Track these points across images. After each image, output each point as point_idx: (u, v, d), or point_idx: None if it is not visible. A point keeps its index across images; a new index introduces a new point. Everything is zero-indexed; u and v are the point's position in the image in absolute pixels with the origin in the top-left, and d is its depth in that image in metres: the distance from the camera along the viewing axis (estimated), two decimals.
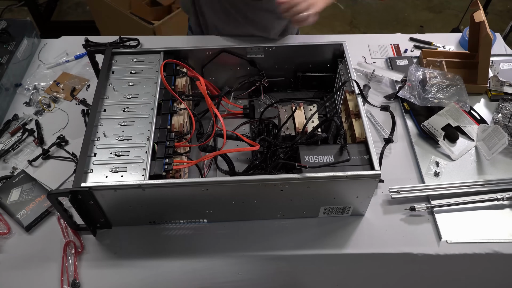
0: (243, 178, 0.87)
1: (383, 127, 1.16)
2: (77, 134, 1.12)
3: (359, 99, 0.98)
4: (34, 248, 0.94)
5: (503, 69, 1.30)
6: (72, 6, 3.02)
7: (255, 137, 1.10)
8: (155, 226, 0.97)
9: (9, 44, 1.25)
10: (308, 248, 0.95)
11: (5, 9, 2.92)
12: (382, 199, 1.03)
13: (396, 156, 1.11)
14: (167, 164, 0.89)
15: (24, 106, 1.20)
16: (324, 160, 0.89)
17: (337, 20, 3.02)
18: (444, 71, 1.23)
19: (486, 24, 1.16)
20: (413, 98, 1.17)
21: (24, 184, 1.01)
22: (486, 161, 1.10)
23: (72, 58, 1.33)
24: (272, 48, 1.10)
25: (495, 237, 0.97)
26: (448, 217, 1.00)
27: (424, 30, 2.91)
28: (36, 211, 0.97)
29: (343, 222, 0.98)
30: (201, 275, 0.94)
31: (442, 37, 1.43)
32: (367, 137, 0.91)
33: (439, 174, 1.07)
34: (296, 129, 0.99)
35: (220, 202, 0.92)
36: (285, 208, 0.96)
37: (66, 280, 0.90)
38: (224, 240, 0.96)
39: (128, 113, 0.96)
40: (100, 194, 0.85)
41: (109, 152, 0.89)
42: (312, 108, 1.04)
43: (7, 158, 1.08)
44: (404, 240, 0.96)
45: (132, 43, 1.37)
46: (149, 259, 0.93)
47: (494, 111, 1.21)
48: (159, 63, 1.04)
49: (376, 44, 1.38)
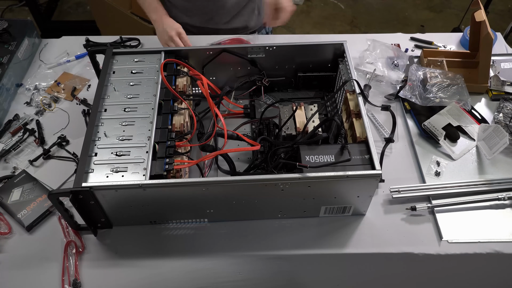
0: (244, 178, 0.87)
1: (383, 127, 1.16)
2: (78, 134, 1.13)
3: (359, 99, 0.98)
4: (35, 248, 0.94)
5: (504, 68, 1.30)
6: (72, 6, 3.02)
7: (256, 137, 1.10)
8: (156, 226, 0.97)
9: (10, 44, 1.25)
10: (309, 248, 0.95)
11: (5, 9, 2.93)
12: (383, 198, 1.03)
13: (397, 155, 1.11)
14: (168, 164, 0.89)
15: (25, 106, 1.21)
16: (325, 160, 0.89)
17: (337, 19, 3.02)
18: (445, 71, 1.22)
19: (487, 24, 1.16)
20: (414, 98, 1.17)
21: (25, 184, 1.01)
22: (487, 161, 1.10)
23: (73, 58, 1.34)
24: (273, 48, 1.10)
25: (495, 236, 0.97)
26: (449, 217, 1.00)
27: (425, 30, 2.91)
28: (37, 211, 0.97)
29: (343, 221, 0.98)
30: (202, 275, 0.94)
31: (443, 37, 1.43)
32: (367, 136, 0.91)
33: (440, 173, 1.07)
34: (296, 129, 0.99)
35: (221, 202, 0.92)
36: (285, 207, 0.96)
37: (67, 280, 0.90)
38: (224, 239, 0.96)
39: (129, 113, 0.96)
40: (101, 194, 0.85)
41: (110, 152, 0.90)
42: (312, 107, 1.04)
43: (8, 158, 1.08)
44: (405, 239, 0.96)
45: (132, 43, 1.37)
46: (150, 259, 0.93)
47: (495, 111, 1.20)
48: (160, 63, 1.04)
49: (377, 43, 1.38)
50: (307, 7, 3.11)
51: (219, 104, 1.07)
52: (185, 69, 1.08)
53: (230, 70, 1.15)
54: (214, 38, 1.39)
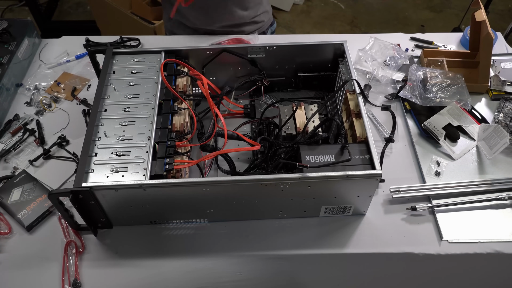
0: (244, 178, 0.87)
1: (384, 127, 1.16)
2: (78, 134, 1.13)
3: (360, 99, 0.98)
4: (35, 248, 0.94)
5: (504, 68, 1.30)
6: (72, 6, 3.02)
7: (256, 136, 1.10)
8: (156, 225, 0.97)
9: (10, 44, 1.25)
10: (309, 248, 0.95)
11: (5, 9, 2.93)
12: (383, 198, 1.02)
13: (397, 155, 1.11)
14: (168, 164, 0.89)
15: (25, 106, 1.21)
16: (325, 160, 0.89)
17: (337, 19, 3.02)
18: (445, 71, 1.22)
19: (487, 23, 1.16)
20: (414, 98, 1.17)
21: (25, 184, 1.01)
22: (487, 161, 1.10)
23: (73, 58, 1.33)
24: (273, 48, 1.10)
25: (496, 236, 0.97)
26: (449, 217, 1.00)
27: (425, 30, 2.91)
28: (37, 211, 0.97)
29: (344, 221, 0.98)
30: (202, 275, 0.94)
31: (443, 37, 1.43)
32: (368, 136, 0.91)
33: (440, 173, 1.07)
34: (297, 129, 0.99)
35: (221, 202, 0.92)
36: (286, 207, 0.96)
37: (67, 280, 0.90)
38: (225, 239, 0.96)
39: (129, 113, 0.96)
40: (101, 194, 0.85)
41: (110, 152, 0.90)
42: (313, 107, 1.04)
43: (8, 158, 1.08)
44: (405, 239, 0.96)
45: (132, 43, 1.37)
46: (150, 259, 0.93)
47: (495, 111, 1.20)
48: (160, 63, 1.04)
49: (377, 43, 1.38)
50: (307, 7, 3.11)
51: (219, 104, 1.07)
52: (185, 69, 1.08)
53: (230, 70, 1.15)
54: (214, 38, 1.39)
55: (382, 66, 1.28)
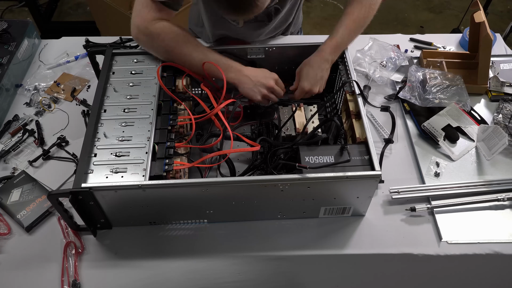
0: (243, 178, 0.87)
1: (383, 128, 1.16)
2: (77, 134, 1.12)
3: (359, 100, 0.98)
4: (34, 248, 0.94)
5: (503, 69, 1.30)
6: (72, 6, 3.02)
7: (256, 137, 1.09)
8: (155, 226, 0.97)
9: (10, 44, 1.25)
10: (309, 249, 0.95)
11: (5, 9, 2.92)
12: (383, 199, 1.03)
13: (396, 156, 1.11)
14: (168, 165, 0.89)
15: (25, 106, 1.21)
16: (325, 161, 0.89)
17: (337, 20, 3.02)
18: (445, 72, 1.23)
19: (486, 25, 1.16)
20: (414, 99, 1.17)
21: (24, 184, 1.01)
22: (486, 162, 1.10)
23: (73, 59, 1.33)
24: (272, 49, 1.10)
25: (495, 237, 0.97)
26: (448, 218, 1.00)
27: (425, 31, 2.91)
28: (36, 212, 0.97)
29: (343, 222, 0.98)
30: (202, 276, 0.94)
31: (442, 38, 1.43)
32: (367, 137, 0.91)
33: (440, 174, 1.07)
34: (296, 130, 0.99)
35: (221, 203, 0.92)
36: (285, 208, 0.96)
37: (67, 281, 0.90)
38: (224, 240, 0.96)
39: (129, 113, 0.96)
40: (101, 195, 0.85)
41: (109, 153, 0.89)
42: (312, 108, 1.04)
43: (8, 159, 1.08)
44: (404, 240, 0.96)
45: (132, 44, 1.37)
46: (149, 260, 0.93)
47: (494, 112, 1.21)
48: (159, 64, 1.04)
49: (377, 44, 1.38)
50: (307, 8, 3.11)
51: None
52: None
53: None
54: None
55: (381, 67, 1.28)
